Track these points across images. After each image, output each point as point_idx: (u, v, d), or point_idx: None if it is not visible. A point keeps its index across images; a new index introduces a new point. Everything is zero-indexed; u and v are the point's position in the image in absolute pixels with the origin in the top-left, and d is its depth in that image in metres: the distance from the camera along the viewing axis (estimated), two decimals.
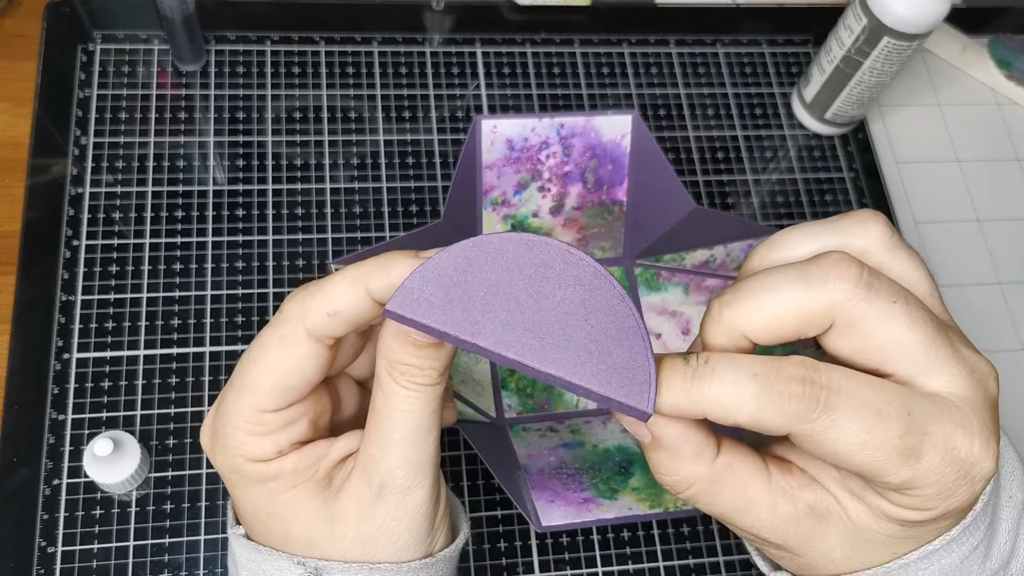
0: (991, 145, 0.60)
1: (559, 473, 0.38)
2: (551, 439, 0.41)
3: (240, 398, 0.29)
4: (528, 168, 0.39)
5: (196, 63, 0.53)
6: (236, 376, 0.30)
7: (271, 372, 0.29)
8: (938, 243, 0.56)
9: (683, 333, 0.44)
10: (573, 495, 0.37)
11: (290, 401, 0.29)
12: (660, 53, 0.59)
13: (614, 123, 0.40)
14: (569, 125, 0.39)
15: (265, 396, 0.29)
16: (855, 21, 0.51)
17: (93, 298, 0.46)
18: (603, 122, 0.40)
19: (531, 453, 0.40)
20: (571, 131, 0.40)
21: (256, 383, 0.29)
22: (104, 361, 0.45)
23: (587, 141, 0.40)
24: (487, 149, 0.38)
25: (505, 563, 0.44)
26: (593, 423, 0.42)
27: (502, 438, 0.41)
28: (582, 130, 0.40)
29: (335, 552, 0.30)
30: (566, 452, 0.40)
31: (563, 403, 0.43)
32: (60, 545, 0.41)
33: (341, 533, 0.29)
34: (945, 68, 0.63)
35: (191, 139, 0.51)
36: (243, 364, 0.30)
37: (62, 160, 0.49)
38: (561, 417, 0.42)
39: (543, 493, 0.37)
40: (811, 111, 0.57)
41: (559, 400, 0.43)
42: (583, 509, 0.37)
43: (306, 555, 0.30)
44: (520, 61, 0.57)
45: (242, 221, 0.50)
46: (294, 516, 0.30)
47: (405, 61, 0.56)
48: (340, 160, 0.52)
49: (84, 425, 0.44)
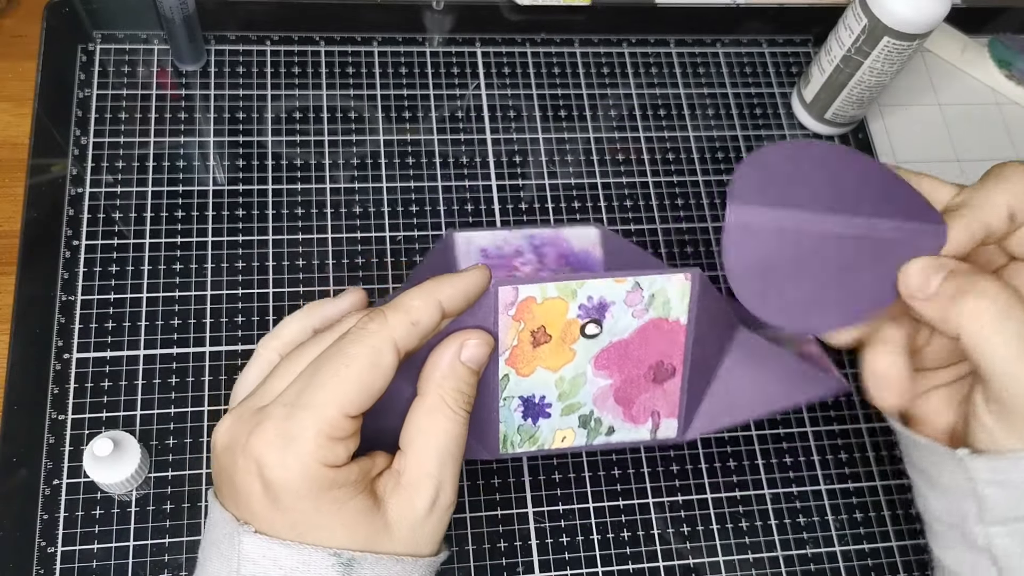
0: (991, 145, 0.60)
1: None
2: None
3: (326, 403, 0.31)
4: (504, 272, 0.40)
5: (196, 63, 0.53)
6: (315, 385, 0.31)
7: (360, 378, 0.31)
8: None
9: None
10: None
11: (366, 408, 0.32)
12: (660, 53, 0.59)
13: (582, 235, 0.42)
14: (539, 236, 0.41)
15: (352, 400, 0.31)
16: (855, 21, 0.51)
17: (93, 298, 0.46)
18: (571, 233, 0.42)
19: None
20: (542, 241, 0.41)
21: (345, 388, 0.31)
22: (104, 361, 0.45)
23: (559, 250, 0.41)
24: (463, 258, 0.40)
25: (505, 563, 0.44)
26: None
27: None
28: (552, 240, 0.41)
29: (384, 550, 0.32)
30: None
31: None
32: (60, 545, 0.41)
33: (395, 538, 0.32)
34: (945, 68, 0.63)
35: (191, 139, 0.51)
36: (326, 372, 0.31)
37: (62, 160, 0.50)
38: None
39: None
40: (811, 111, 0.57)
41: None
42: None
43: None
44: (520, 61, 0.57)
45: (242, 221, 0.50)
46: (355, 524, 0.31)
47: (405, 61, 0.56)
48: (340, 160, 0.52)
49: (84, 425, 0.44)
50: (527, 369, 0.37)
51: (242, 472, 0.31)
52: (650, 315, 0.37)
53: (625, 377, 0.38)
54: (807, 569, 0.46)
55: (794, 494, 0.47)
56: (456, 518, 0.44)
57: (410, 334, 0.32)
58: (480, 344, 0.34)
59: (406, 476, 0.32)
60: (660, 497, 0.46)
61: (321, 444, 0.30)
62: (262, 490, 0.30)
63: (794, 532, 0.46)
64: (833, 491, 0.48)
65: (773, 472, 0.48)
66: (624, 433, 0.40)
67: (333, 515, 0.31)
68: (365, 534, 0.31)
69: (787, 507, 0.47)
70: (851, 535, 0.47)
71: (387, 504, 0.32)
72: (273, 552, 0.30)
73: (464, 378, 0.33)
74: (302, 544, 0.30)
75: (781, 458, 0.48)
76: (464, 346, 0.34)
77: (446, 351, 0.33)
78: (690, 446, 0.47)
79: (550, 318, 0.36)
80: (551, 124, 0.55)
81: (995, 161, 0.60)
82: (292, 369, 0.33)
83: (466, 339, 0.34)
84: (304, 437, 0.30)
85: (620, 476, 0.46)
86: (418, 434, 0.33)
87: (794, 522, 0.47)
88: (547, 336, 0.36)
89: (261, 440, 0.30)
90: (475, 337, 0.34)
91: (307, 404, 0.31)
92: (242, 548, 0.31)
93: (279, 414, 0.31)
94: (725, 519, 0.46)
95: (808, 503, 0.47)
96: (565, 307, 0.36)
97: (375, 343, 0.31)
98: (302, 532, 0.31)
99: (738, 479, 0.47)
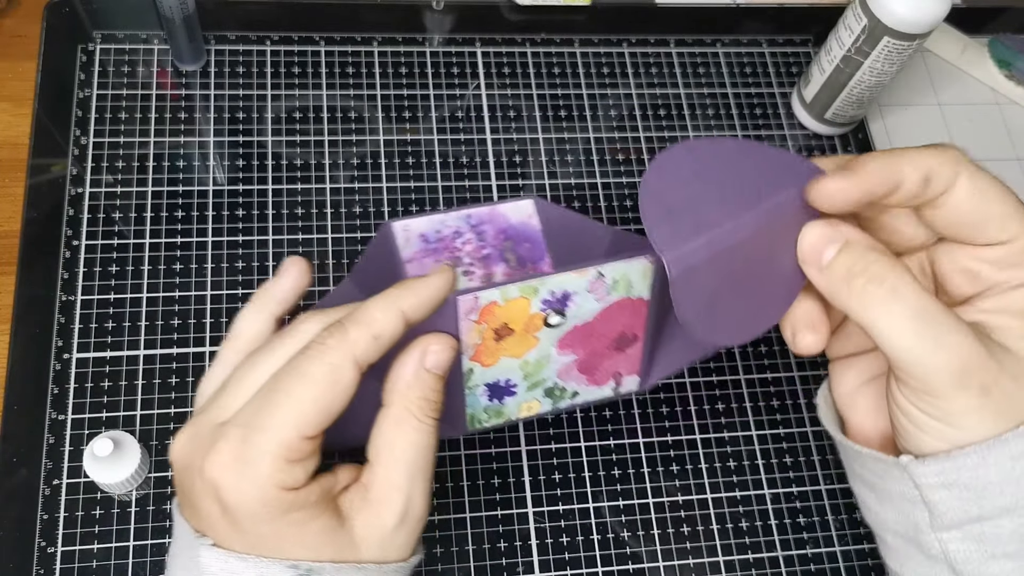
0: (991, 145, 0.60)
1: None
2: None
3: (282, 425, 0.29)
4: (447, 256, 0.40)
5: (196, 63, 0.53)
6: (272, 405, 0.30)
7: (318, 399, 0.30)
8: None
9: None
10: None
11: (325, 428, 0.30)
12: (660, 53, 0.59)
13: (518, 208, 0.41)
14: (476, 215, 0.41)
15: (309, 421, 0.30)
16: (855, 21, 0.51)
17: (93, 298, 0.46)
18: (507, 208, 0.41)
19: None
20: (479, 219, 0.41)
21: (302, 409, 0.30)
22: (104, 361, 0.45)
23: (497, 226, 0.41)
24: (403, 246, 0.39)
25: (505, 563, 0.44)
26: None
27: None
28: (489, 217, 0.41)
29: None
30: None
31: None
32: (60, 545, 0.41)
33: (363, 554, 0.31)
34: (945, 68, 0.63)
35: (191, 139, 0.51)
36: (282, 393, 0.30)
37: (62, 160, 0.50)
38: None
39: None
40: (811, 111, 0.57)
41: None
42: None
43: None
44: (520, 61, 0.57)
45: (242, 221, 0.50)
46: (319, 544, 0.30)
47: (405, 61, 0.56)
48: (340, 160, 0.52)
49: (84, 425, 0.44)
50: (491, 360, 0.37)
51: (199, 494, 0.30)
52: (613, 297, 0.37)
53: (589, 351, 0.38)
54: (807, 569, 0.46)
55: (794, 494, 0.47)
56: (456, 518, 0.44)
57: (371, 348, 0.31)
58: (443, 350, 0.33)
59: (374, 491, 0.31)
60: (660, 497, 0.46)
61: (279, 468, 0.29)
62: (220, 512, 0.30)
63: (794, 532, 0.46)
64: (833, 491, 0.48)
65: (773, 472, 0.48)
66: (587, 394, 0.40)
67: (294, 538, 0.30)
68: (331, 553, 0.30)
69: (787, 507, 0.47)
70: (851, 535, 0.47)
71: (353, 521, 0.31)
72: (230, 565, 0.30)
73: (430, 385, 0.33)
74: (260, 558, 0.30)
75: (781, 458, 0.48)
76: (427, 353, 0.33)
77: (409, 360, 0.32)
78: (690, 446, 0.47)
79: (513, 315, 0.35)
80: (551, 124, 0.55)
81: (995, 161, 0.60)
82: (249, 380, 0.32)
83: (428, 345, 0.33)
84: (260, 461, 0.29)
85: (620, 476, 0.46)
86: (385, 447, 0.32)
87: (794, 522, 0.47)
88: (510, 331, 0.36)
89: (217, 464, 0.29)
90: (438, 343, 0.33)
91: (263, 426, 0.29)
92: (200, 561, 0.30)
93: (235, 436, 0.30)
94: (725, 519, 0.46)
95: (808, 503, 0.47)
96: (527, 304, 0.35)
97: (334, 360, 0.30)
98: (261, 551, 0.30)
99: (738, 479, 0.47)
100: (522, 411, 0.40)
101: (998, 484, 0.30)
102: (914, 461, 0.32)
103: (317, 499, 0.30)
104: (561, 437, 0.47)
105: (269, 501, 0.29)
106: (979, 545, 0.31)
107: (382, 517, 0.31)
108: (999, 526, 0.31)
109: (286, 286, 0.35)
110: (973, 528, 0.31)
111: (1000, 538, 0.31)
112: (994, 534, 0.31)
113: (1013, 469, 0.30)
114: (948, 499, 0.31)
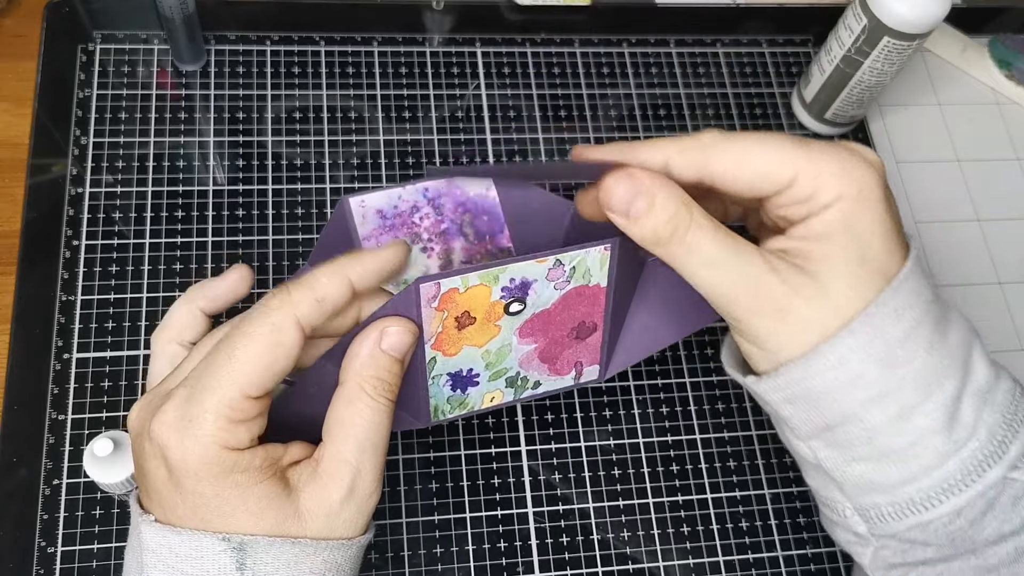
0: (991, 145, 0.60)
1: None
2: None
3: (225, 384, 0.30)
4: (405, 232, 0.40)
5: (196, 63, 0.53)
6: (215, 366, 0.30)
7: (260, 357, 0.30)
8: (938, 243, 0.56)
9: None
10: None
11: (269, 389, 0.31)
12: (660, 53, 0.59)
13: (475, 181, 0.42)
14: (433, 187, 0.41)
15: (251, 381, 0.30)
16: (855, 21, 0.51)
17: (93, 298, 0.46)
18: (465, 181, 0.42)
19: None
20: (436, 192, 0.41)
21: (244, 369, 0.30)
22: (104, 361, 0.45)
23: (455, 199, 0.41)
24: (360, 224, 0.39)
25: (505, 563, 0.44)
26: None
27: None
28: (447, 190, 0.41)
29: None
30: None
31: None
32: (60, 545, 0.41)
33: (307, 527, 0.31)
34: (945, 68, 0.63)
35: (191, 139, 0.51)
36: (224, 353, 0.31)
37: (62, 160, 0.50)
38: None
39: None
40: (811, 111, 0.57)
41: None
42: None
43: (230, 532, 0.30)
44: (520, 61, 0.57)
45: (242, 221, 0.50)
46: (262, 510, 0.30)
47: (405, 61, 0.56)
48: (340, 160, 0.52)
49: (84, 425, 0.44)
50: (453, 349, 0.37)
51: (148, 457, 0.31)
52: (572, 285, 0.38)
53: (549, 340, 0.39)
54: (807, 569, 0.46)
55: (794, 494, 0.47)
56: (456, 518, 0.44)
57: (314, 311, 0.31)
58: (401, 332, 0.33)
59: (323, 465, 0.32)
60: (660, 497, 0.46)
61: (221, 426, 0.30)
62: (167, 474, 0.30)
63: (794, 532, 0.46)
64: None
65: (773, 472, 0.48)
66: (549, 384, 0.41)
67: (236, 501, 0.30)
68: (273, 521, 0.30)
69: (787, 507, 0.47)
70: None
71: (300, 493, 0.31)
72: (168, 540, 0.30)
73: (385, 366, 0.33)
74: (193, 531, 0.30)
75: (781, 458, 0.48)
76: (384, 334, 0.33)
77: (366, 340, 0.33)
78: (690, 446, 0.47)
79: (473, 303, 0.36)
80: (551, 124, 0.55)
81: (995, 161, 0.60)
82: (203, 350, 0.32)
83: (386, 327, 0.33)
84: (203, 419, 0.30)
85: (620, 476, 0.46)
86: (336, 423, 0.32)
87: (794, 522, 0.47)
88: (471, 319, 0.36)
89: (163, 423, 0.30)
90: (395, 324, 0.33)
91: (206, 386, 0.30)
92: (143, 538, 0.31)
93: (180, 395, 0.30)
94: (725, 519, 0.46)
95: (808, 503, 0.47)
96: (488, 292, 0.36)
97: (275, 320, 0.31)
98: (204, 518, 0.30)
99: (738, 479, 0.47)
100: (485, 402, 0.40)
101: (828, 393, 0.32)
102: (755, 381, 0.34)
103: (261, 463, 0.31)
104: (561, 437, 0.47)
105: (211, 459, 0.30)
106: (839, 451, 0.33)
107: (329, 490, 0.31)
108: (847, 432, 0.33)
109: (220, 287, 0.36)
110: (827, 436, 0.34)
111: (852, 443, 0.33)
112: (846, 440, 0.33)
113: (836, 378, 0.32)
114: (796, 412, 0.34)
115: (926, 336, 0.32)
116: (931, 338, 0.32)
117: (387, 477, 0.45)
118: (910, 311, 0.32)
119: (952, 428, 0.32)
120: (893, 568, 0.35)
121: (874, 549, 0.35)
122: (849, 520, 0.35)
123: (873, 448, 0.33)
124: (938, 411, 0.32)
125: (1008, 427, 0.32)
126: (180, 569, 0.30)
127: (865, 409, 0.32)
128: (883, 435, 0.32)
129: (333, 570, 0.32)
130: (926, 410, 0.32)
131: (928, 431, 0.32)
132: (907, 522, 0.33)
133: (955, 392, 0.32)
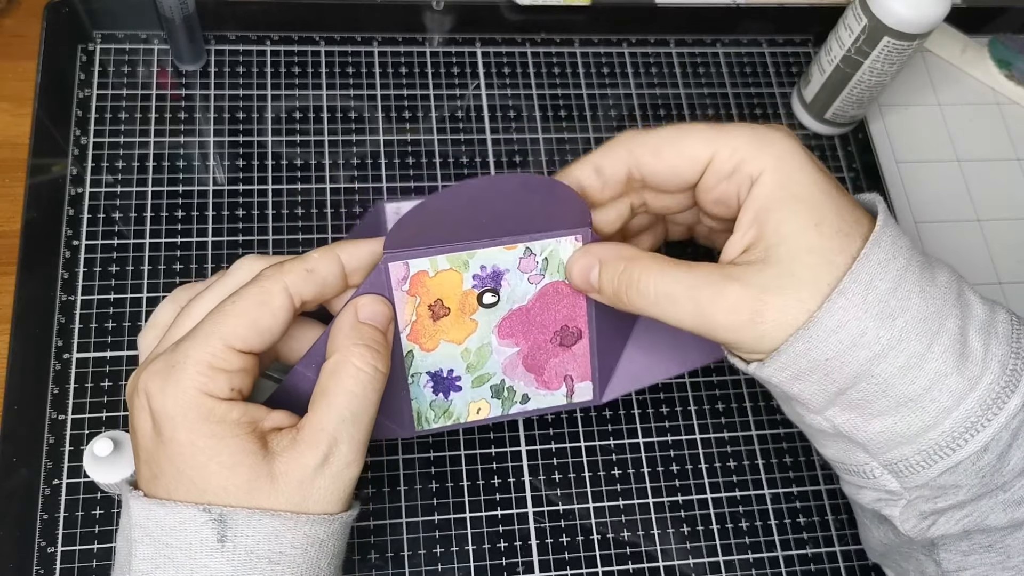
0: (991, 145, 0.60)
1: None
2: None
3: (209, 335, 0.31)
4: None
5: (196, 63, 0.53)
6: (204, 323, 0.32)
7: (247, 312, 0.32)
8: (938, 243, 0.56)
9: None
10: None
11: (252, 347, 0.32)
12: (660, 53, 0.59)
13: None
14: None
15: (235, 332, 0.31)
16: (855, 21, 0.51)
17: (93, 298, 0.46)
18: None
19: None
20: None
21: (229, 322, 0.32)
22: (104, 361, 0.45)
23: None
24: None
25: (505, 563, 0.44)
26: None
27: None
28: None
29: (267, 505, 0.31)
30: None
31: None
32: (60, 545, 0.41)
33: (280, 490, 0.31)
34: (945, 68, 0.63)
35: (191, 139, 0.51)
36: (214, 313, 0.32)
37: (62, 160, 0.50)
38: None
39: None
40: (811, 111, 0.57)
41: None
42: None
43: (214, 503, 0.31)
44: (520, 61, 0.57)
45: (242, 221, 0.50)
46: (235, 464, 0.31)
47: (405, 61, 0.56)
48: (340, 160, 0.52)
49: (84, 425, 0.44)
50: (430, 343, 0.37)
51: (137, 410, 0.32)
52: (547, 280, 0.38)
53: (532, 344, 0.39)
54: (807, 569, 0.46)
55: (794, 494, 0.47)
56: (456, 518, 0.44)
57: (304, 280, 0.33)
58: (374, 301, 0.35)
59: (302, 433, 0.32)
60: (660, 497, 0.46)
61: (201, 371, 0.31)
62: (152, 426, 0.31)
63: (794, 532, 0.46)
64: (833, 491, 0.48)
65: (773, 472, 0.48)
66: (539, 400, 0.41)
67: (210, 451, 0.30)
68: (245, 478, 0.31)
69: (787, 507, 0.47)
70: (851, 535, 0.47)
71: (277, 457, 0.31)
72: (154, 513, 0.31)
73: (369, 335, 0.34)
74: (176, 502, 0.30)
75: (781, 458, 0.48)
76: (359, 307, 0.34)
77: (344, 316, 0.34)
78: (690, 446, 0.47)
79: (445, 291, 0.36)
80: (551, 124, 0.55)
81: (995, 161, 0.60)
82: (195, 314, 0.34)
83: (359, 301, 0.35)
84: (184, 364, 0.31)
85: (620, 476, 0.46)
86: (319, 393, 0.33)
87: (794, 522, 0.47)
88: (445, 309, 0.37)
89: (148, 371, 0.31)
90: (368, 298, 0.35)
91: (192, 337, 0.31)
92: (131, 512, 0.31)
93: (168, 349, 0.32)
94: (725, 519, 0.46)
95: (808, 503, 0.47)
96: (459, 278, 0.36)
97: (265, 284, 0.32)
98: (179, 468, 0.31)
99: (738, 479, 0.47)
100: (471, 413, 0.40)
101: (835, 358, 0.32)
102: (759, 367, 0.34)
103: (239, 418, 0.31)
104: (561, 437, 0.47)
105: (188, 403, 0.30)
106: (856, 411, 0.33)
107: (305, 456, 0.31)
108: (861, 391, 0.33)
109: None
110: (842, 401, 0.33)
111: (868, 400, 0.33)
112: (861, 399, 0.33)
113: (840, 342, 0.32)
114: (806, 387, 0.33)
115: (915, 281, 0.32)
116: (921, 283, 0.32)
117: (387, 477, 0.45)
118: (894, 262, 0.32)
119: (964, 366, 0.32)
120: (924, 518, 0.35)
121: (906, 502, 0.35)
122: (879, 480, 0.35)
123: (890, 400, 0.32)
124: (947, 352, 0.32)
125: (1017, 356, 0.33)
126: (165, 542, 0.30)
127: (874, 365, 0.32)
128: (897, 385, 0.32)
129: (316, 545, 0.32)
130: (934, 354, 0.32)
131: (941, 374, 0.32)
132: (937, 467, 0.33)
133: (958, 330, 0.32)
